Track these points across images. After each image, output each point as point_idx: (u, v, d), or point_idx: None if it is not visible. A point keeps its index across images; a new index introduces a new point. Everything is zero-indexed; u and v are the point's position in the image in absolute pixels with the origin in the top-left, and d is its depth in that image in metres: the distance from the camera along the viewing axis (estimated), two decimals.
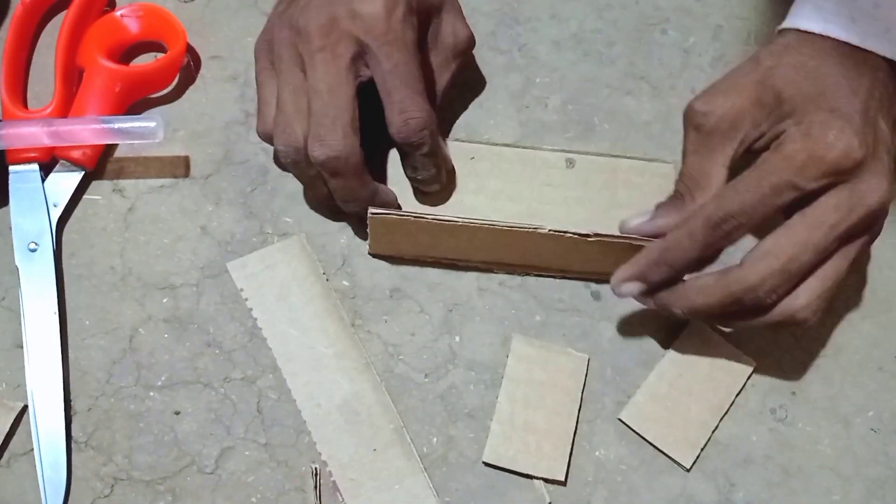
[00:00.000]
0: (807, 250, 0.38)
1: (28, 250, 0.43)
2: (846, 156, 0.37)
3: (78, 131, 0.43)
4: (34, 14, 0.48)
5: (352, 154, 0.40)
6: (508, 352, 0.43)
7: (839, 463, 0.44)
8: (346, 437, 0.41)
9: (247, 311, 0.43)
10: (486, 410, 0.43)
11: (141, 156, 0.46)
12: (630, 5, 0.53)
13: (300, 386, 0.42)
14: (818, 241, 0.38)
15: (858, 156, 0.38)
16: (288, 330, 0.43)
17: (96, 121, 0.43)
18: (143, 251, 0.44)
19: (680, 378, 0.44)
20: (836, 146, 0.37)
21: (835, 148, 0.37)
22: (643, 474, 0.43)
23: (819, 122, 0.38)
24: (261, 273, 0.44)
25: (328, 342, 0.43)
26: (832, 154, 0.37)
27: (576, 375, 0.43)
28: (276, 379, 0.42)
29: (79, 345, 0.42)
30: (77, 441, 0.41)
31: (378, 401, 0.42)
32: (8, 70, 0.46)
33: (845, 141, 0.37)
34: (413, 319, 0.44)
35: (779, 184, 0.38)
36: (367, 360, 0.43)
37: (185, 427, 0.41)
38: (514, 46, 0.51)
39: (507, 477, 0.42)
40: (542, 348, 0.44)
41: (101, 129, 0.43)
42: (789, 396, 0.45)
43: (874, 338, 0.47)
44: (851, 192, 0.38)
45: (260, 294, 0.43)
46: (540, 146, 0.47)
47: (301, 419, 0.42)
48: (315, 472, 0.40)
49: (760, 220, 0.39)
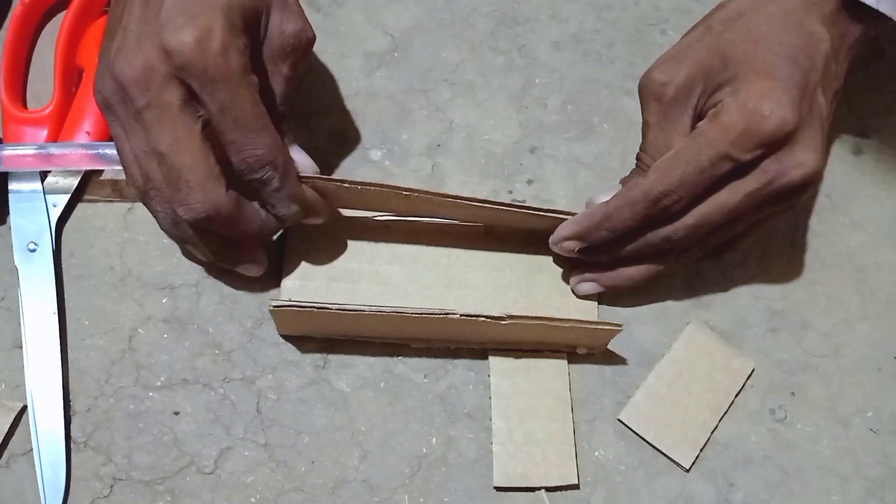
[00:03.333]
0: (721, 211, 0.40)
1: (27, 250, 0.43)
2: (780, 128, 0.38)
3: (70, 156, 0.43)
4: (34, 14, 0.48)
5: (220, 205, 0.37)
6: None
7: (838, 463, 0.44)
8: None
9: (246, 311, 0.43)
10: (486, 410, 0.43)
11: None
12: (630, 6, 0.53)
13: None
14: (732, 204, 0.39)
15: (791, 128, 0.38)
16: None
17: (87, 147, 0.43)
18: (143, 251, 0.44)
19: (679, 378, 0.44)
20: (771, 119, 0.38)
21: (770, 120, 0.38)
22: (642, 475, 0.43)
23: (756, 92, 0.38)
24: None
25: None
26: (767, 126, 0.38)
27: (559, 377, 0.43)
28: (276, 379, 0.42)
29: (78, 345, 0.42)
30: (76, 441, 0.41)
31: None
32: (7, 70, 0.46)
33: (780, 113, 0.38)
34: None
35: (716, 156, 0.38)
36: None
37: (184, 427, 0.41)
38: (514, 46, 0.51)
39: None
40: (519, 359, 0.43)
41: (92, 155, 0.43)
42: (789, 397, 0.45)
43: (874, 338, 0.47)
44: (778, 162, 0.39)
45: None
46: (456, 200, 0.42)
47: (301, 419, 0.42)
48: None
49: (699, 191, 0.39)
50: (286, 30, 0.39)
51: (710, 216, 0.40)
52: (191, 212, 0.37)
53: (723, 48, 0.40)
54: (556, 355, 0.44)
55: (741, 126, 0.38)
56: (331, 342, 0.43)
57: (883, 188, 0.50)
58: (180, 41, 0.34)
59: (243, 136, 0.36)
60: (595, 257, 0.43)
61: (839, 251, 0.48)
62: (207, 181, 0.36)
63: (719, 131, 0.38)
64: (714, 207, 0.40)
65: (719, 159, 0.38)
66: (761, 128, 0.38)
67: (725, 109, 0.39)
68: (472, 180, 0.48)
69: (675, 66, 0.41)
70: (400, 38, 0.50)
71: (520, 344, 0.43)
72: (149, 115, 0.35)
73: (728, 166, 0.38)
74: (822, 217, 0.49)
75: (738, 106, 0.38)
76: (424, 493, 0.41)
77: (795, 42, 0.39)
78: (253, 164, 0.37)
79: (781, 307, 0.47)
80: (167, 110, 0.35)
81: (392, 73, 0.49)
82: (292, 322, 0.42)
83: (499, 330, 0.41)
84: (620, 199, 0.40)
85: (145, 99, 0.35)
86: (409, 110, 0.49)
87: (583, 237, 0.42)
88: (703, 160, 0.38)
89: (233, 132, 0.36)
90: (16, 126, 0.45)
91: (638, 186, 0.40)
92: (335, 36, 0.50)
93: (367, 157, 0.48)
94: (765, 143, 0.38)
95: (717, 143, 0.38)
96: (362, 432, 0.42)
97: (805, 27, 0.40)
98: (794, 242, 0.48)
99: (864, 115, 0.52)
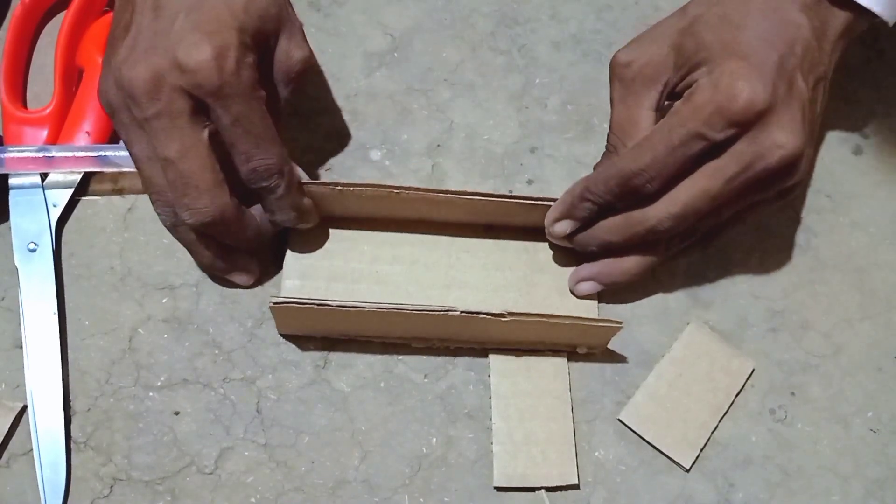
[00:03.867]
0: (704, 199, 0.40)
1: (27, 250, 0.43)
2: (750, 106, 0.38)
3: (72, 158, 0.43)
4: (34, 14, 0.48)
5: (225, 211, 0.38)
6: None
7: (838, 463, 0.44)
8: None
9: (246, 311, 0.43)
10: (486, 410, 0.43)
11: None
12: (630, 6, 0.53)
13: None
14: (715, 192, 0.39)
15: (762, 106, 0.38)
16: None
17: (90, 150, 0.43)
18: (143, 251, 0.44)
19: (679, 378, 0.44)
20: (741, 96, 0.38)
21: (739, 98, 0.38)
22: (642, 475, 0.43)
23: (729, 72, 0.38)
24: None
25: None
26: (737, 104, 0.38)
27: (560, 377, 0.43)
28: (276, 379, 0.42)
29: (78, 345, 0.42)
30: (76, 441, 0.41)
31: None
32: (8, 70, 0.46)
33: (750, 90, 0.38)
34: None
35: (687, 135, 0.39)
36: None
37: (184, 427, 0.41)
38: (514, 47, 0.51)
39: None
40: (520, 359, 0.43)
41: (93, 158, 0.43)
42: (789, 397, 0.45)
43: (874, 338, 0.47)
44: (755, 144, 0.38)
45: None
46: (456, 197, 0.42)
47: (301, 419, 0.42)
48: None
49: (673, 171, 0.40)
50: (293, 56, 0.40)
51: (694, 204, 0.40)
52: (198, 216, 0.38)
53: (698, 30, 0.40)
54: (556, 355, 0.44)
55: (713, 105, 0.38)
56: (331, 342, 0.43)
57: (883, 188, 0.50)
58: (197, 59, 0.35)
59: (254, 147, 0.38)
60: (586, 246, 0.44)
61: (839, 251, 0.48)
62: (215, 187, 0.38)
63: (691, 110, 0.39)
64: (697, 194, 0.40)
65: (691, 138, 0.38)
66: (731, 105, 0.38)
67: (699, 89, 0.39)
68: (472, 180, 0.48)
69: (638, 48, 0.42)
70: (400, 38, 0.50)
71: (520, 343, 0.43)
72: (157, 123, 0.36)
73: (700, 145, 0.39)
74: (822, 217, 0.49)
75: (710, 85, 0.39)
76: (424, 494, 0.41)
77: (771, 27, 0.40)
78: (263, 174, 0.39)
79: (781, 307, 0.47)
80: (177, 119, 0.36)
81: (392, 73, 0.49)
82: (293, 320, 0.42)
83: (499, 328, 0.41)
84: (597, 173, 0.42)
85: (154, 108, 0.36)
86: (409, 110, 0.49)
87: (569, 213, 0.43)
88: (674, 139, 0.39)
89: (244, 143, 0.38)
90: (16, 126, 0.45)
91: (613, 164, 0.41)
92: (335, 36, 0.50)
93: (367, 157, 0.48)
94: (736, 121, 0.38)
95: (688, 122, 0.38)
96: (362, 432, 0.42)
97: (782, 14, 0.40)
98: (794, 242, 0.48)
99: (864, 115, 0.52)
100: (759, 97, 0.38)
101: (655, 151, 0.39)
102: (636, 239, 0.42)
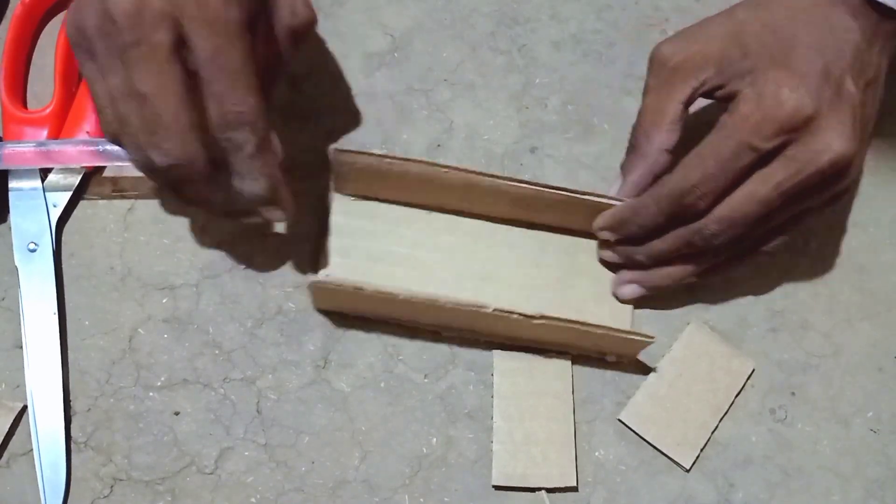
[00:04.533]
0: (753, 203, 0.39)
1: (27, 250, 0.43)
2: (797, 112, 0.38)
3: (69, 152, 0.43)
4: (34, 14, 0.48)
5: (195, 159, 0.35)
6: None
7: (838, 463, 0.44)
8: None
9: (246, 311, 0.43)
10: (486, 411, 0.43)
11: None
12: (630, 6, 0.53)
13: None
14: (763, 196, 0.39)
15: (809, 111, 0.38)
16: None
17: (87, 143, 0.43)
18: (143, 251, 0.44)
19: (679, 378, 0.44)
20: (787, 103, 0.38)
21: (786, 105, 0.38)
22: (643, 475, 0.43)
23: (773, 81, 0.38)
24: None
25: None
26: (783, 111, 0.38)
27: (563, 378, 0.43)
28: (276, 379, 0.42)
29: (78, 345, 0.42)
30: (76, 441, 0.41)
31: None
32: (8, 70, 0.46)
33: (796, 98, 0.38)
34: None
35: (736, 146, 0.38)
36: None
37: (184, 427, 0.41)
38: (514, 47, 0.51)
39: None
40: (523, 359, 0.43)
41: (92, 151, 0.43)
42: (789, 397, 0.45)
43: (874, 338, 0.47)
44: (804, 149, 0.38)
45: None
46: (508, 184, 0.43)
47: (301, 419, 0.42)
48: None
49: (724, 185, 0.39)
50: (299, 12, 0.39)
51: (742, 208, 0.39)
52: (165, 157, 0.35)
53: (743, 37, 0.40)
54: (560, 356, 0.44)
55: (760, 114, 0.38)
56: (331, 341, 0.43)
57: (883, 188, 0.50)
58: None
59: (228, 89, 0.35)
60: (633, 257, 0.44)
61: (839, 251, 0.48)
62: (186, 131, 0.34)
63: (738, 121, 0.39)
64: (744, 198, 0.39)
65: (741, 149, 0.38)
66: (777, 113, 0.38)
67: (743, 100, 0.39)
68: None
69: (683, 43, 0.42)
70: (400, 38, 0.50)
71: (548, 345, 0.43)
72: (135, 53, 0.33)
73: (750, 156, 0.38)
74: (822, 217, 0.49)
75: (755, 95, 0.39)
76: (425, 494, 0.41)
77: (819, 34, 0.40)
78: (231, 121, 0.35)
79: (781, 307, 0.47)
80: (156, 51, 0.33)
81: (392, 73, 0.49)
82: (327, 299, 0.42)
83: (530, 328, 0.41)
84: (648, 196, 0.41)
85: (134, 35, 0.33)
86: (409, 110, 0.49)
87: (614, 229, 0.43)
88: (724, 152, 0.39)
89: (219, 82, 0.35)
90: (16, 126, 0.45)
91: (663, 183, 0.41)
92: (335, 36, 0.50)
93: None
94: (784, 128, 0.38)
95: (736, 134, 0.38)
96: (362, 432, 0.42)
97: (830, 19, 0.40)
98: (794, 242, 0.48)
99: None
100: (805, 103, 0.38)
101: (705, 166, 0.39)
102: (685, 247, 0.42)
